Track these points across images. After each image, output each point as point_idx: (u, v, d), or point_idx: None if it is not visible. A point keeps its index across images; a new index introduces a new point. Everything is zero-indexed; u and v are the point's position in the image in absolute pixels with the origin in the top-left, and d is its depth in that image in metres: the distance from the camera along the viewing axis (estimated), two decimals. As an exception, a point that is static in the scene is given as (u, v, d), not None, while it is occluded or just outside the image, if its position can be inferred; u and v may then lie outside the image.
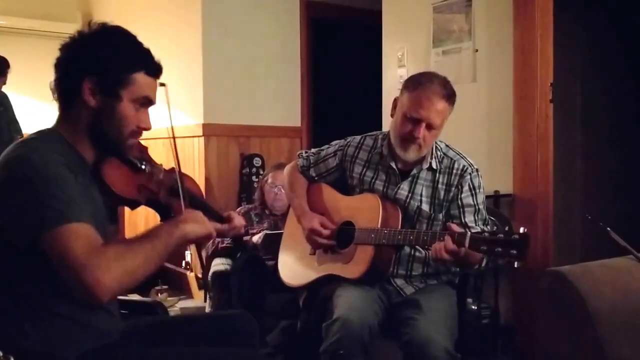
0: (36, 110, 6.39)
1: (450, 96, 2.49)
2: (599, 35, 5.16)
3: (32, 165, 1.61)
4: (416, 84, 2.50)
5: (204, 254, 3.87)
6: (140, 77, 1.78)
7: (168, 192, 1.93)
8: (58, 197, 1.58)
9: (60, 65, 1.80)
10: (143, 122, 1.82)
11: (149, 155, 1.99)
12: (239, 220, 2.08)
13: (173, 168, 1.98)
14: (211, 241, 3.99)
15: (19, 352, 1.62)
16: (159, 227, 1.74)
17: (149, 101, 1.83)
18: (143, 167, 1.91)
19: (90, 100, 1.74)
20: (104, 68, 1.74)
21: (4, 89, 5.82)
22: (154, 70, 1.83)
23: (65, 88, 1.79)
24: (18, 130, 5.09)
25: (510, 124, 3.73)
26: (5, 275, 1.68)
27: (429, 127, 2.47)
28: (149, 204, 1.92)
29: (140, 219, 5.45)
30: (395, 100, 2.61)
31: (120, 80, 1.75)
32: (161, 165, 2.00)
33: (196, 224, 1.79)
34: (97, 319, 1.79)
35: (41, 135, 1.78)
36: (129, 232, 5.58)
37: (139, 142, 1.94)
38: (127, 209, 1.82)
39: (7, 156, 1.67)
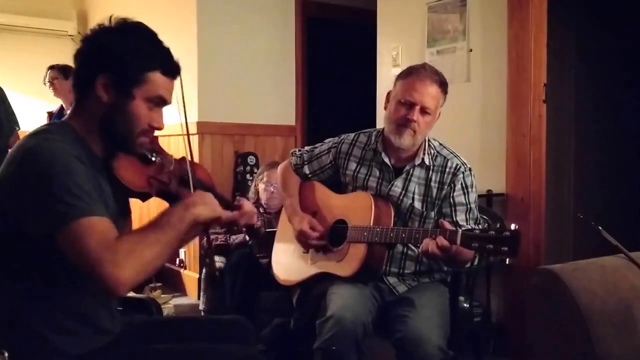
0: (31, 107, 6.38)
1: (442, 83, 2.54)
2: (590, 37, 5.19)
3: (44, 158, 1.60)
4: (409, 71, 2.57)
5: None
6: (156, 77, 1.77)
7: (178, 181, 1.91)
8: (71, 190, 1.57)
9: (79, 57, 1.80)
10: (155, 121, 1.81)
11: (159, 146, 1.97)
12: (249, 207, 2.02)
13: (184, 157, 1.96)
14: (205, 239, 4.00)
15: (14, 344, 1.63)
16: (169, 214, 1.70)
17: (163, 101, 1.81)
18: (153, 158, 1.89)
19: (103, 95, 1.73)
20: (119, 66, 1.72)
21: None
22: (171, 70, 1.82)
23: (81, 80, 1.79)
24: (16, 122, 5.10)
25: (504, 124, 3.75)
26: (10, 267, 1.68)
27: (423, 111, 2.50)
28: (160, 195, 1.90)
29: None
30: (389, 94, 2.64)
31: (134, 78, 1.74)
32: (172, 155, 1.97)
33: (205, 206, 1.74)
34: (98, 317, 1.81)
35: (53, 127, 1.78)
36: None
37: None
38: (136, 203, 1.82)
39: (20, 148, 1.66)
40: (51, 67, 5.42)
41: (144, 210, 5.48)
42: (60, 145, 1.65)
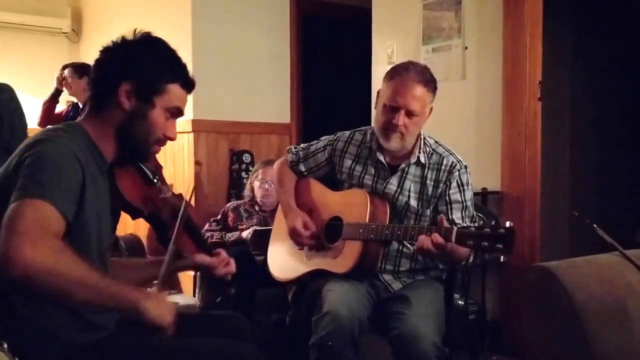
0: (27, 105, 6.35)
1: (428, 82, 2.51)
2: (586, 35, 5.20)
3: (45, 147, 1.64)
4: (394, 73, 2.55)
5: None
6: (175, 89, 1.85)
7: (170, 212, 1.95)
8: (52, 178, 1.58)
9: (100, 66, 1.85)
10: (170, 131, 1.88)
11: (162, 175, 2.04)
12: (224, 259, 2.07)
13: (181, 194, 2.02)
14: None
15: (14, 338, 1.63)
16: (128, 283, 1.70)
17: (179, 112, 1.89)
18: (155, 181, 1.95)
19: (125, 102, 1.79)
20: (142, 74, 1.80)
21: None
22: (188, 84, 1.91)
23: (102, 88, 1.83)
24: (26, 125, 5.06)
25: (499, 122, 3.75)
26: None
27: (409, 114, 2.48)
28: (150, 217, 1.94)
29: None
30: (379, 93, 2.63)
31: (156, 87, 1.81)
32: (172, 185, 2.03)
33: (160, 307, 1.63)
34: (85, 311, 1.80)
35: (67, 126, 1.81)
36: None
37: (156, 160, 2.00)
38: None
39: (30, 141, 1.70)
40: (65, 66, 5.36)
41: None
42: (68, 144, 1.69)
